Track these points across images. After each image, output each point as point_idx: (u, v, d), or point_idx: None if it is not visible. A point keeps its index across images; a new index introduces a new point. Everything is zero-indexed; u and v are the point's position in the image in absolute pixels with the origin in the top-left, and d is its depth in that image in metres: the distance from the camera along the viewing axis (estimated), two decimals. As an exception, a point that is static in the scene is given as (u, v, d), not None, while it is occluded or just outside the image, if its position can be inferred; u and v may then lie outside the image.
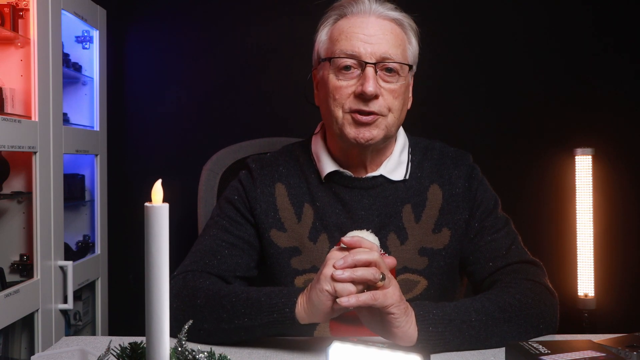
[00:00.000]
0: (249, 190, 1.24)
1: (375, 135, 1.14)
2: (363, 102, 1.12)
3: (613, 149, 2.27)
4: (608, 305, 2.25)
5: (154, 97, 2.40)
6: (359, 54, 1.12)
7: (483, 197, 1.23)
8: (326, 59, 1.16)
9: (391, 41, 1.14)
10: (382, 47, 1.12)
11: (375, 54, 1.12)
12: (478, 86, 2.35)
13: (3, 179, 1.80)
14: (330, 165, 1.22)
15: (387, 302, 0.92)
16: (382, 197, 1.20)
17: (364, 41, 1.12)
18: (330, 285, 0.93)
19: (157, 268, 0.59)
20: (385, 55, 1.12)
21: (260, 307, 0.99)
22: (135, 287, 2.32)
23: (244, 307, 1.01)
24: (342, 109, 1.14)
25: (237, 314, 1.01)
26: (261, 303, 1.00)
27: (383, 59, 1.12)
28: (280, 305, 0.98)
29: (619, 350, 0.88)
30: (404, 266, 1.18)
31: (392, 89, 1.14)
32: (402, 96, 1.16)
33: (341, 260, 0.93)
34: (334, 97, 1.14)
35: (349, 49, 1.13)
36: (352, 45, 1.12)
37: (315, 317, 0.96)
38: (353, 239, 0.97)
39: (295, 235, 1.20)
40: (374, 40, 1.12)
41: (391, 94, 1.13)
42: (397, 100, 1.14)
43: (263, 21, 2.37)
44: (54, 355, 0.99)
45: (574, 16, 2.33)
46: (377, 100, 1.12)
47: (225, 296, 1.04)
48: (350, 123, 1.14)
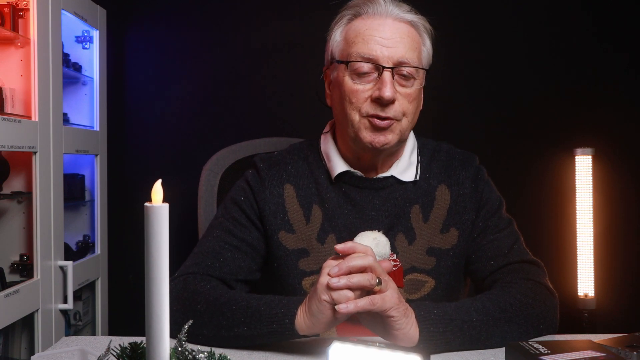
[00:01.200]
0: (257, 191, 1.23)
1: (390, 139, 1.14)
2: (380, 106, 1.12)
3: (613, 149, 2.27)
4: (608, 305, 2.25)
5: (154, 97, 2.40)
6: (376, 57, 1.11)
7: (488, 198, 1.24)
8: (342, 61, 1.15)
9: (408, 45, 1.13)
10: (399, 51, 1.12)
11: (392, 58, 1.11)
12: (478, 86, 2.35)
13: (3, 179, 1.80)
14: (341, 165, 1.21)
15: (386, 306, 0.92)
16: (392, 197, 1.20)
17: (381, 44, 1.12)
18: (328, 294, 0.92)
19: (157, 268, 0.59)
20: (402, 59, 1.12)
21: (260, 317, 0.99)
22: (135, 287, 2.32)
23: (244, 316, 1.01)
24: (359, 113, 1.13)
25: (236, 322, 1.01)
26: (261, 313, 0.99)
27: (400, 63, 1.12)
28: (280, 315, 0.98)
29: (619, 350, 0.88)
30: (412, 266, 1.18)
31: (408, 93, 1.13)
32: (416, 100, 1.16)
33: (336, 268, 0.92)
34: (351, 100, 1.14)
35: (366, 52, 1.12)
36: (370, 48, 1.12)
37: (316, 327, 0.96)
38: (346, 245, 0.96)
39: (303, 236, 1.20)
40: (391, 43, 1.12)
41: (406, 98, 1.13)
42: (411, 104, 1.14)
43: (263, 21, 2.37)
44: (54, 355, 0.99)
45: (574, 16, 2.33)
46: (393, 105, 1.12)
47: (226, 303, 1.04)
48: (367, 127, 1.14)
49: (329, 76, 1.23)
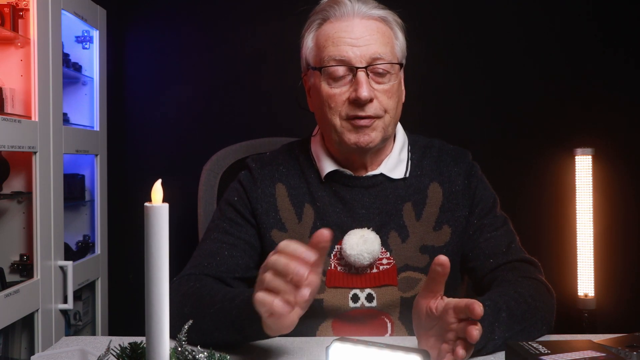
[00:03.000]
0: (249, 191, 1.24)
1: (374, 137, 1.14)
2: (359, 107, 1.12)
3: (613, 149, 2.27)
4: (608, 305, 2.25)
5: (154, 97, 2.40)
6: (348, 58, 1.12)
7: (482, 195, 1.24)
8: (316, 67, 1.16)
9: (379, 40, 1.13)
10: (370, 49, 1.12)
11: (364, 57, 1.12)
12: (478, 86, 2.35)
13: (3, 179, 1.80)
14: (330, 165, 1.22)
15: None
16: (382, 195, 1.21)
17: (351, 45, 1.12)
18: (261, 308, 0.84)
19: (157, 268, 0.59)
20: (374, 55, 1.12)
21: (233, 325, 0.96)
22: (135, 287, 2.32)
23: (219, 322, 0.97)
24: (339, 116, 1.14)
25: (216, 327, 0.98)
26: (233, 321, 0.95)
27: (373, 59, 1.12)
28: (248, 321, 0.92)
29: (619, 350, 0.88)
30: (406, 264, 1.18)
31: (386, 90, 1.14)
32: (396, 94, 1.16)
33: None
34: (329, 105, 1.14)
35: (337, 55, 1.12)
36: (340, 50, 1.12)
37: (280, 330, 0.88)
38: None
39: (296, 235, 1.20)
40: (361, 42, 1.12)
41: (385, 95, 1.14)
42: (391, 99, 1.15)
43: (263, 21, 2.37)
44: (54, 355, 0.99)
45: (574, 15, 2.33)
46: (372, 103, 1.12)
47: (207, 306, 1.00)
48: (349, 130, 1.14)
49: (307, 82, 1.24)
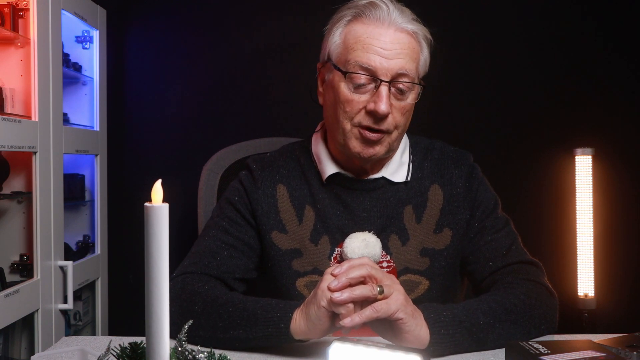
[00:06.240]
0: (250, 192, 1.23)
1: (379, 151, 1.14)
2: (374, 119, 1.11)
3: (613, 149, 2.27)
4: (608, 305, 2.25)
5: (154, 97, 2.40)
6: (374, 68, 1.09)
7: (483, 197, 1.23)
8: (339, 69, 1.13)
9: (408, 55, 1.11)
10: (398, 63, 1.10)
11: (391, 70, 1.09)
12: (478, 86, 2.35)
13: (3, 179, 1.80)
14: (332, 167, 1.21)
15: (391, 310, 0.91)
16: (383, 198, 1.20)
17: (380, 55, 1.09)
18: (327, 301, 0.91)
19: (157, 268, 0.59)
20: (400, 71, 1.10)
21: (256, 320, 0.99)
22: (135, 287, 2.32)
23: (240, 319, 1.00)
24: (351, 122, 1.13)
25: (233, 325, 1.00)
26: (257, 316, 0.99)
27: (398, 75, 1.10)
28: (276, 319, 0.97)
29: (619, 350, 0.88)
30: (406, 267, 1.18)
31: (402, 106, 1.12)
32: (409, 112, 1.15)
33: (335, 281, 0.91)
34: (345, 109, 1.12)
35: (364, 62, 1.09)
36: (369, 58, 1.09)
37: (312, 333, 0.95)
38: (342, 267, 0.93)
39: (296, 237, 1.20)
40: (390, 55, 1.09)
41: (400, 111, 1.12)
42: (404, 116, 1.14)
43: (263, 21, 2.37)
44: (54, 355, 0.99)
45: (574, 16, 2.33)
46: (387, 118, 1.11)
47: (223, 305, 1.04)
48: (357, 138, 1.13)
49: (322, 73, 1.20)
